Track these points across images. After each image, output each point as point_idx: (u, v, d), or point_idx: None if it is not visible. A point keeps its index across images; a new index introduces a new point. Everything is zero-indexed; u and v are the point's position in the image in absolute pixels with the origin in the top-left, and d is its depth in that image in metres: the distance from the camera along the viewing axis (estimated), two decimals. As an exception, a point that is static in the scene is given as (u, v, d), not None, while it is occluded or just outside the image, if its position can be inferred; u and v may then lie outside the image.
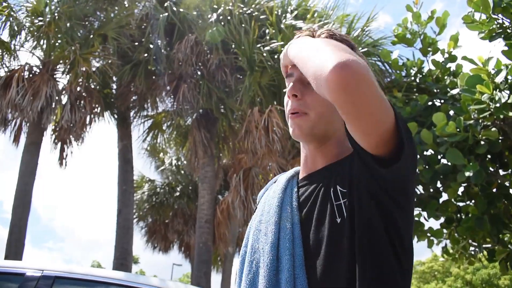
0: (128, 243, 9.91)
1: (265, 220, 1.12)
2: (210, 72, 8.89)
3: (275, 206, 1.12)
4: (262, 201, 1.22)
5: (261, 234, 1.10)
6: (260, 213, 1.17)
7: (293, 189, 1.16)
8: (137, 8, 10.10)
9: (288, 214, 1.09)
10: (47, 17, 8.83)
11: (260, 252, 1.08)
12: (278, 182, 1.24)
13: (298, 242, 1.03)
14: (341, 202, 1.02)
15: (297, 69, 1.11)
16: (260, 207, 1.20)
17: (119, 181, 10.26)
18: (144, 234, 14.88)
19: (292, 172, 1.25)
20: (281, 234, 1.06)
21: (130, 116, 10.77)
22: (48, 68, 8.91)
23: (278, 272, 1.02)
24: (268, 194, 1.22)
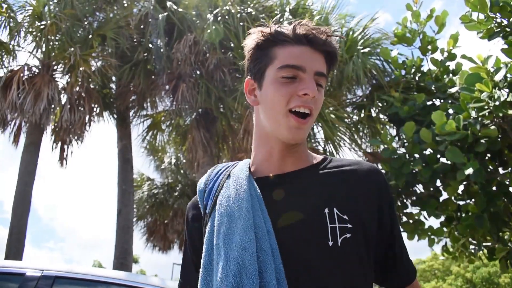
0: (128, 243, 9.91)
1: (237, 228, 0.98)
2: (209, 71, 8.89)
3: (245, 210, 0.99)
4: (222, 201, 1.06)
5: (234, 245, 0.96)
6: (225, 218, 1.02)
7: (256, 189, 1.05)
8: (136, 8, 10.10)
9: (261, 221, 0.98)
10: (47, 19, 8.82)
11: (238, 263, 0.94)
12: (235, 178, 1.09)
13: (277, 255, 0.95)
14: (336, 226, 0.97)
15: (315, 61, 1.06)
16: (222, 209, 1.04)
17: (119, 181, 10.25)
18: (144, 233, 14.89)
19: (245, 167, 1.12)
20: (259, 245, 0.95)
21: (130, 116, 10.77)
22: (47, 69, 8.91)
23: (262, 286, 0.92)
24: (227, 193, 1.07)
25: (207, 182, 1.16)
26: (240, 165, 1.15)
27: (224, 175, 1.14)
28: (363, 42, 7.18)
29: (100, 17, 10.01)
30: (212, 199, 1.10)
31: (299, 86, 1.04)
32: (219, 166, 1.20)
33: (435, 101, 5.15)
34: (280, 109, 1.04)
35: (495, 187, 4.47)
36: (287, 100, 1.04)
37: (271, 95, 1.05)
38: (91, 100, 9.27)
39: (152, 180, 15.06)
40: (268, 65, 1.08)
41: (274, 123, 1.06)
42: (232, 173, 1.12)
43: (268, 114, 1.08)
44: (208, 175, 1.19)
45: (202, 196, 1.14)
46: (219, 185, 1.12)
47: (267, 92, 1.07)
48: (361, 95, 7.46)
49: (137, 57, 9.48)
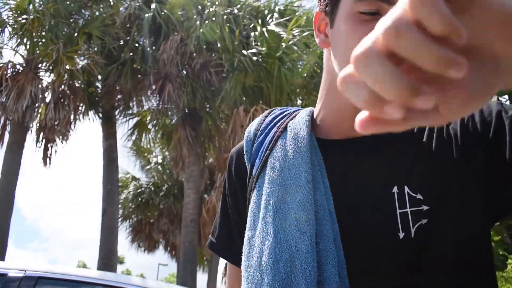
0: (113, 243, 9.85)
1: (293, 203, 0.77)
2: (195, 71, 8.88)
3: (305, 180, 0.77)
4: (275, 164, 0.82)
5: (288, 224, 0.76)
6: (278, 187, 0.79)
7: (319, 155, 0.82)
8: (122, 6, 10.03)
9: (323, 197, 0.77)
10: (31, 15, 8.72)
11: (291, 249, 0.74)
12: (293, 135, 0.84)
13: (339, 243, 0.75)
14: (407, 211, 0.72)
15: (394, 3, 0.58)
16: (275, 175, 0.81)
17: (104, 181, 10.19)
18: (129, 233, 14.80)
19: (307, 122, 0.85)
20: (320, 228, 0.75)
21: (115, 115, 10.70)
22: (31, 66, 8.81)
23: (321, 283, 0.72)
24: (282, 154, 0.83)
25: (257, 131, 0.92)
26: (300, 117, 0.88)
27: (279, 127, 0.88)
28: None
29: (86, 15, 9.93)
30: (261, 157, 0.86)
31: None
32: (276, 112, 0.94)
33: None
34: None
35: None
36: None
37: (344, 37, 0.76)
38: (76, 98, 9.19)
39: (138, 179, 14.98)
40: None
41: None
42: (290, 127, 0.86)
43: (340, 64, 0.78)
44: (259, 120, 0.94)
45: (250, 148, 0.90)
46: (273, 139, 0.87)
47: (339, 32, 0.78)
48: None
49: (124, 56, 9.43)
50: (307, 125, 0.84)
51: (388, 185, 0.75)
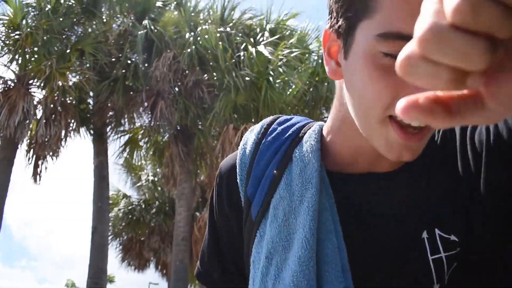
0: (103, 262, 9.72)
1: (293, 262, 0.65)
2: (187, 89, 8.91)
3: (309, 233, 0.64)
4: (277, 211, 0.69)
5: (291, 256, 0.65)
6: (281, 244, 0.67)
7: (330, 194, 0.68)
8: (115, 23, 10.09)
9: (335, 252, 0.64)
10: (24, 30, 8.74)
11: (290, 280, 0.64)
12: (299, 170, 0.69)
13: (348, 276, 0.63)
14: (441, 256, 0.62)
15: None
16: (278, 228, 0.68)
17: (94, 198, 10.09)
18: (119, 252, 14.62)
19: (317, 153, 0.70)
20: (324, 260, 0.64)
21: (107, 132, 10.66)
22: (23, 82, 8.79)
23: None
24: (287, 197, 0.69)
25: (253, 157, 0.75)
26: (308, 144, 0.71)
27: (283, 158, 0.72)
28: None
29: (79, 31, 9.97)
30: (262, 200, 0.71)
31: None
32: (276, 129, 0.77)
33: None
34: (373, 111, 0.58)
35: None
36: (388, 101, 0.57)
37: (361, 82, 0.59)
38: (67, 115, 9.16)
39: (129, 197, 14.86)
40: (362, 17, 0.58)
41: (364, 127, 0.62)
42: (296, 157, 0.71)
43: (355, 109, 0.62)
44: (255, 139, 0.77)
45: (245, 177, 0.75)
46: (276, 175, 0.71)
47: (355, 71, 0.60)
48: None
49: (115, 73, 9.45)
50: (317, 159, 0.69)
51: (417, 230, 0.64)
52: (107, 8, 10.15)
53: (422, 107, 0.27)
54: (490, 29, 0.24)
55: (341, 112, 0.69)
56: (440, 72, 0.26)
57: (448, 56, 0.25)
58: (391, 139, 0.59)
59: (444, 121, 0.28)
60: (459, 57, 0.24)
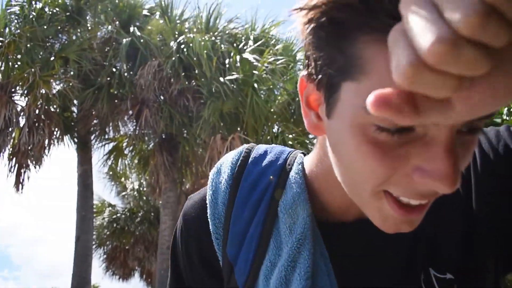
0: (87, 271, 9.60)
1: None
2: (172, 97, 8.90)
3: (303, 279, 0.57)
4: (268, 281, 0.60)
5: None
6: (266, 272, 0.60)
7: (325, 254, 0.60)
8: (100, 31, 10.06)
9: None
10: (7, 38, 8.66)
11: None
12: (289, 225, 0.60)
13: None
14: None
15: None
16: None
17: (78, 207, 9.98)
18: (104, 261, 14.46)
19: (298, 190, 0.62)
20: None
21: (91, 140, 10.58)
22: (6, 90, 8.69)
23: None
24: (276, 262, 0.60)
25: (228, 210, 0.64)
26: (295, 193, 0.62)
27: (266, 208, 0.62)
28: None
29: (63, 39, 9.91)
30: (249, 264, 0.61)
31: (417, 158, 0.43)
32: (252, 173, 0.65)
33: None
34: (366, 188, 0.48)
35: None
36: (382, 179, 0.46)
37: (349, 156, 0.48)
38: (51, 123, 9.08)
39: (113, 206, 14.73)
40: (346, 77, 0.44)
41: (353, 196, 0.53)
42: (283, 212, 0.61)
43: (342, 176, 0.52)
44: (227, 184, 0.66)
45: (221, 234, 0.64)
46: (262, 237, 0.61)
47: (341, 139, 0.48)
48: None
49: (100, 81, 9.40)
50: (307, 212, 0.60)
51: (415, 274, 0.60)
52: (92, 16, 10.12)
53: (393, 105, 0.29)
54: (492, 40, 0.25)
55: (326, 162, 0.59)
56: (447, 81, 0.27)
57: (460, 66, 0.26)
58: (386, 212, 0.49)
59: (411, 119, 0.30)
60: (468, 66, 0.26)
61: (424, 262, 0.60)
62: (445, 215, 0.61)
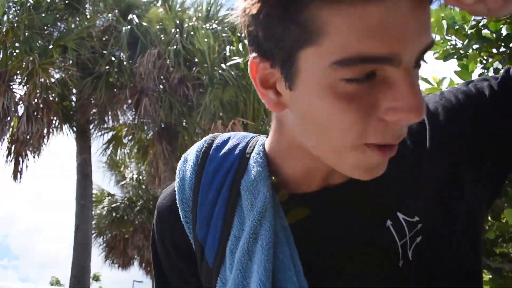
0: (86, 260, 9.62)
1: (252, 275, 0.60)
2: (172, 86, 8.86)
3: (263, 276, 0.58)
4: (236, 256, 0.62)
5: None
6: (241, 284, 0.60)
7: (287, 228, 0.62)
8: (99, 19, 9.98)
9: (290, 266, 0.59)
10: (5, 25, 8.58)
11: None
12: (250, 202, 0.63)
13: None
14: (406, 240, 0.62)
15: (412, 37, 0.47)
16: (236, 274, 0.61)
17: (77, 196, 9.98)
18: (103, 250, 14.51)
19: (267, 182, 0.63)
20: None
21: (90, 129, 10.55)
22: (4, 79, 8.63)
23: None
24: (240, 237, 0.62)
25: (195, 195, 0.67)
26: (256, 172, 0.65)
27: (228, 189, 0.65)
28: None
29: (61, 27, 9.83)
30: (217, 245, 0.64)
31: (386, 100, 0.49)
32: (216, 155, 0.69)
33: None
34: (346, 143, 0.52)
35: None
36: (361, 129, 0.50)
37: (325, 116, 0.51)
38: (50, 112, 9.03)
39: (113, 195, 14.75)
40: (302, 45, 0.49)
41: (330, 156, 0.56)
42: (244, 190, 0.64)
43: (315, 140, 0.55)
44: (192, 172, 0.69)
45: (191, 219, 0.67)
46: (226, 216, 0.64)
47: (312, 106, 0.52)
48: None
49: (99, 69, 9.34)
50: (268, 187, 0.62)
51: (380, 223, 0.62)
52: (91, 4, 10.03)
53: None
54: None
55: (285, 136, 0.63)
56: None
57: None
58: (367, 161, 0.53)
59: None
60: None
61: (391, 208, 0.63)
62: (411, 166, 0.64)
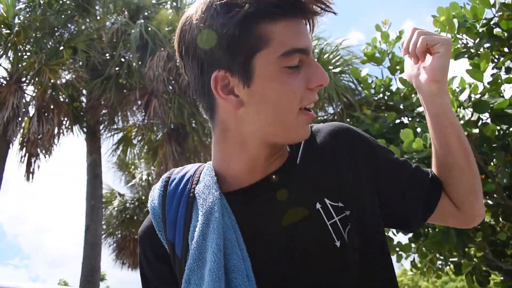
0: (96, 260, 9.68)
1: (206, 274, 0.77)
2: (182, 87, 8.89)
3: (216, 249, 0.76)
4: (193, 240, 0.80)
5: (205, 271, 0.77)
6: (196, 263, 0.79)
7: (231, 216, 0.81)
8: (109, 21, 10.04)
9: (240, 262, 0.77)
10: (16, 27, 8.66)
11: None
12: (202, 201, 0.82)
13: (252, 281, 0.76)
14: (335, 220, 0.80)
15: (309, 39, 0.80)
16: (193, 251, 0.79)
17: (87, 196, 10.05)
18: (113, 250, 14.59)
19: (213, 183, 0.84)
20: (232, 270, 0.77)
21: (100, 130, 10.62)
22: (15, 79, 8.72)
23: None
24: (196, 226, 0.81)
25: (163, 206, 0.87)
26: (205, 179, 0.86)
27: (188, 198, 0.85)
28: (334, 63, 7.34)
29: (72, 28, 9.90)
30: (182, 238, 0.82)
31: (308, 76, 0.79)
32: (175, 178, 0.90)
33: (403, 119, 5.28)
34: (292, 109, 0.79)
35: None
36: (300, 95, 0.78)
37: (278, 92, 0.77)
38: (60, 112, 9.11)
39: (122, 195, 14.82)
40: (258, 50, 0.76)
41: (280, 125, 0.80)
42: (198, 194, 0.84)
43: (271, 117, 0.79)
44: (159, 192, 0.89)
45: (162, 227, 0.85)
46: (186, 215, 0.83)
47: (267, 89, 0.77)
48: (332, 113, 7.58)
49: (109, 71, 9.40)
50: (215, 188, 0.83)
51: (311, 205, 0.81)
52: (101, 6, 10.10)
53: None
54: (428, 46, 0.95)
55: (233, 138, 0.83)
56: None
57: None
58: (303, 122, 0.81)
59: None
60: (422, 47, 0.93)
61: (319, 194, 0.82)
62: (340, 163, 0.86)
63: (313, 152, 0.87)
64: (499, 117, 3.93)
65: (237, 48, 0.75)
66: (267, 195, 0.82)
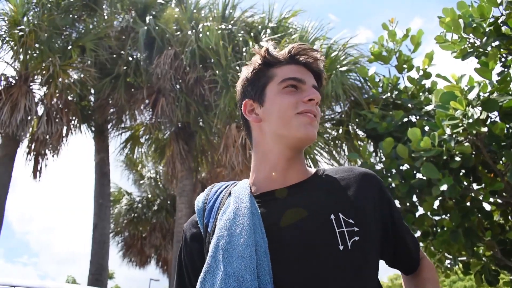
0: (104, 258, 9.73)
1: (238, 244, 0.99)
2: (188, 86, 8.90)
3: (247, 226, 1.00)
4: (223, 216, 1.06)
5: (234, 260, 0.97)
6: (226, 232, 1.01)
7: (257, 208, 1.06)
8: (116, 20, 10.08)
9: (261, 239, 0.99)
10: (26, 27, 8.71)
11: (238, 279, 0.94)
12: (236, 195, 1.10)
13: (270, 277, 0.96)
14: (343, 230, 1.00)
15: (310, 77, 1.17)
16: (222, 223, 1.04)
17: (95, 195, 10.11)
18: (121, 248, 14.66)
19: (246, 185, 1.13)
20: (260, 263, 0.97)
21: (108, 129, 10.67)
22: (25, 80, 8.78)
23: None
24: (228, 210, 1.07)
25: (205, 201, 1.17)
26: (240, 184, 1.16)
27: (224, 193, 1.16)
28: (342, 61, 7.31)
29: (80, 28, 9.95)
30: (214, 216, 1.10)
31: (303, 94, 1.12)
32: (218, 185, 1.22)
33: (411, 118, 5.25)
34: (290, 113, 1.10)
35: (469, 202, 4.55)
36: (294, 105, 1.11)
37: (279, 104, 1.12)
38: (69, 112, 9.16)
39: (130, 194, 14.88)
40: (268, 83, 1.16)
41: (284, 127, 1.11)
42: (233, 191, 1.12)
43: (277, 122, 1.12)
44: (206, 193, 1.20)
45: (202, 215, 1.14)
46: (221, 202, 1.13)
47: (272, 104, 1.13)
48: (339, 112, 7.57)
49: (117, 70, 9.44)
50: (247, 187, 1.11)
51: (326, 214, 1.03)
52: (108, 5, 10.14)
53: None
54: None
55: (259, 153, 1.17)
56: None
57: None
58: (303, 122, 1.10)
59: None
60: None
61: (335, 208, 1.04)
62: (362, 196, 1.10)
63: (340, 180, 1.12)
64: (508, 115, 3.91)
65: (257, 83, 1.18)
66: (280, 199, 1.08)
